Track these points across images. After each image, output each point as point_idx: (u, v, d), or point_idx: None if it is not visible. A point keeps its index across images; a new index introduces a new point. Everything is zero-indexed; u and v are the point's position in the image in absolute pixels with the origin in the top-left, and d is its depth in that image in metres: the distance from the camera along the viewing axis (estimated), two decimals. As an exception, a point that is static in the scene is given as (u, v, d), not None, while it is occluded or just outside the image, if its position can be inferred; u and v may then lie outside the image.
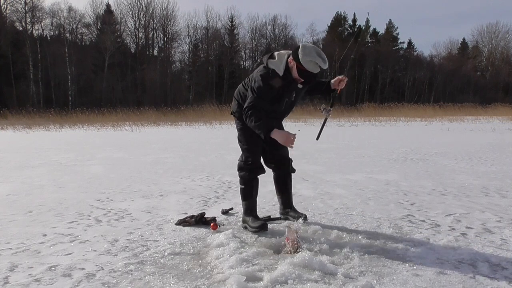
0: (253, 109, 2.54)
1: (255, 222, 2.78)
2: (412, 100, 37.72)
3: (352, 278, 2.00)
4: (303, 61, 2.43)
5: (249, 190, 2.84)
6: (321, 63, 2.45)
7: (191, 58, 43.54)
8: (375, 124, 18.27)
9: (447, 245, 2.49)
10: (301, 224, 2.61)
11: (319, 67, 2.46)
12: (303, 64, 2.44)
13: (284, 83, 2.57)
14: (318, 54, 2.45)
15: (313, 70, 2.47)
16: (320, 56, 2.45)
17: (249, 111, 2.54)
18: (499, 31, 49.66)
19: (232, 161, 6.65)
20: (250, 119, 2.53)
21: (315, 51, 2.46)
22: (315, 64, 2.44)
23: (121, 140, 11.54)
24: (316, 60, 2.43)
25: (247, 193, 2.85)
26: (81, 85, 35.62)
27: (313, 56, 2.43)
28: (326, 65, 2.48)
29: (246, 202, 2.87)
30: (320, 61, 2.44)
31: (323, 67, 2.47)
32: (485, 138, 10.65)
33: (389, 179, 4.83)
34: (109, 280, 2.03)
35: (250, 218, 2.82)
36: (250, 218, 2.82)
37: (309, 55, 2.43)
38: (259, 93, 2.55)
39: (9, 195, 4.12)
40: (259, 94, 2.55)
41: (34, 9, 36.22)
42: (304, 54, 2.43)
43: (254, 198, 2.88)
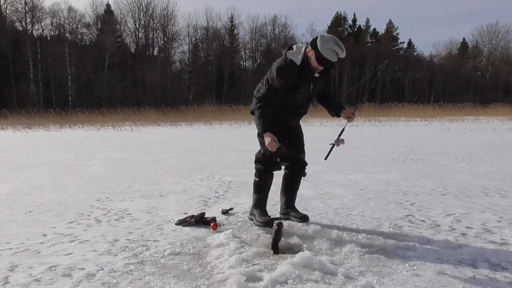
0: (263, 101, 2.59)
1: (261, 217, 2.81)
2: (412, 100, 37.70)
3: (352, 278, 2.00)
4: (322, 49, 2.50)
5: (262, 183, 2.86)
6: (339, 51, 2.50)
7: (191, 58, 43.54)
8: (375, 124, 18.27)
9: (447, 245, 2.49)
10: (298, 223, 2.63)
11: (336, 55, 2.52)
12: (321, 52, 2.50)
13: (301, 72, 2.63)
14: (336, 43, 2.51)
15: (331, 58, 2.52)
16: (338, 45, 2.51)
17: (259, 102, 2.60)
18: (499, 31, 49.69)
19: (232, 161, 6.65)
20: (258, 111, 2.59)
21: (333, 40, 2.53)
22: (333, 52, 2.49)
23: (121, 140, 11.55)
24: (334, 48, 2.49)
25: (260, 187, 2.88)
26: (81, 85, 35.62)
27: (331, 44, 2.49)
28: (343, 54, 2.53)
29: (258, 195, 2.90)
30: (338, 49, 2.50)
31: (341, 56, 2.53)
32: (485, 138, 10.65)
33: (389, 179, 4.83)
34: (109, 280, 2.03)
35: (258, 212, 2.85)
36: (258, 211, 2.85)
37: (327, 43, 2.49)
38: (273, 84, 2.61)
39: (9, 195, 4.12)
40: (273, 84, 2.61)
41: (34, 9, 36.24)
42: (322, 42, 2.51)
43: (266, 193, 2.90)
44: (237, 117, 22.11)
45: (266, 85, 2.64)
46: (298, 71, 2.62)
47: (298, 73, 2.62)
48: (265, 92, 2.62)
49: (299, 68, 2.61)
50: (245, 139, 11.00)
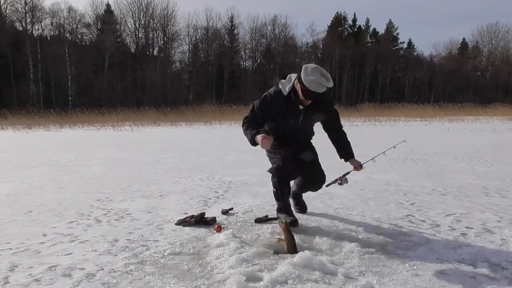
0: (247, 120, 2.75)
1: (286, 218, 2.83)
2: (412, 100, 37.73)
3: (352, 278, 2.00)
4: (306, 81, 2.48)
5: (280, 193, 2.88)
6: (324, 82, 2.45)
7: (191, 58, 43.53)
8: (375, 124, 18.27)
9: (447, 245, 2.49)
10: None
11: (323, 86, 2.47)
12: (305, 85, 2.49)
13: (288, 103, 2.65)
14: (321, 73, 2.47)
15: (317, 89, 2.49)
16: (323, 75, 2.46)
17: (244, 121, 2.77)
18: (499, 31, 49.70)
19: (232, 161, 6.65)
20: (243, 128, 2.76)
21: (318, 71, 2.48)
22: (318, 84, 2.46)
23: (121, 140, 11.55)
24: (318, 80, 2.45)
25: (278, 196, 2.91)
26: (81, 85, 35.61)
27: (315, 75, 2.45)
28: (329, 83, 2.49)
29: (278, 203, 2.95)
30: (323, 80, 2.45)
31: (327, 85, 2.48)
32: (485, 138, 10.65)
33: (389, 179, 4.83)
34: (109, 280, 2.03)
35: (283, 215, 2.88)
36: (283, 216, 2.87)
37: (311, 75, 2.46)
38: (256, 108, 2.74)
39: (9, 195, 4.12)
40: (256, 108, 2.74)
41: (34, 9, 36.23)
42: (306, 74, 2.48)
43: (285, 199, 2.91)
44: (237, 117, 22.10)
45: (251, 109, 2.77)
46: (285, 102, 2.65)
47: (285, 104, 2.66)
48: (249, 115, 2.77)
49: (285, 98, 2.64)
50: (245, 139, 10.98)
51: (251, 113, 2.77)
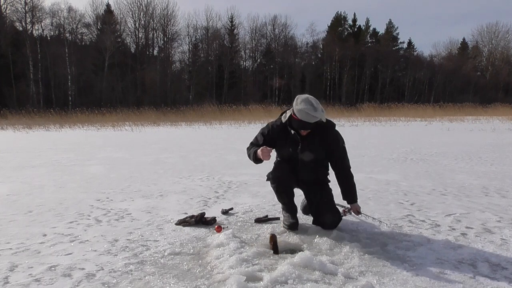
0: (249, 145, 2.88)
1: (287, 220, 2.86)
2: (412, 100, 37.73)
3: (352, 278, 2.00)
4: (295, 110, 2.53)
5: (280, 197, 2.89)
6: (311, 111, 2.45)
7: (191, 58, 43.51)
8: (375, 124, 18.26)
9: (447, 245, 2.49)
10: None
11: (311, 115, 2.47)
12: (296, 114, 2.54)
13: (285, 132, 2.71)
14: (309, 103, 2.48)
15: (305, 119, 2.50)
16: (311, 105, 2.47)
17: (247, 147, 2.88)
18: (499, 31, 49.65)
19: (232, 161, 6.65)
20: (247, 153, 2.87)
21: (307, 101, 2.50)
22: (305, 113, 2.47)
23: (121, 140, 11.55)
24: (305, 109, 2.46)
25: (279, 199, 2.93)
26: (81, 85, 35.58)
27: (303, 105, 2.48)
28: (317, 113, 2.46)
29: (281, 205, 2.96)
30: (311, 109, 2.45)
31: (314, 115, 2.46)
32: (485, 138, 10.65)
33: (389, 179, 4.83)
34: (109, 280, 2.03)
35: (286, 216, 2.89)
36: (286, 215, 2.89)
37: (300, 105, 2.50)
38: (259, 136, 2.82)
39: (9, 195, 4.12)
40: (259, 135, 2.82)
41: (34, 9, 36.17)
42: (296, 104, 2.53)
43: (285, 202, 2.89)
44: (237, 117, 22.13)
45: (255, 138, 2.86)
46: (281, 130, 2.71)
47: (283, 132, 2.71)
48: (252, 140, 2.87)
49: (283, 127, 2.69)
50: (245, 139, 10.99)
51: (254, 139, 2.87)
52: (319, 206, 2.81)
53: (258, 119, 21.03)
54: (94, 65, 36.30)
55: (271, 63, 44.99)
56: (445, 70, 45.79)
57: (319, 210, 2.81)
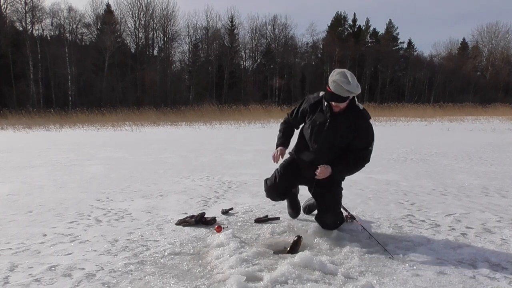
0: (283, 120, 3.00)
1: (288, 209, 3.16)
2: (412, 100, 37.70)
3: (352, 278, 2.00)
4: (329, 82, 2.49)
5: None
6: (344, 84, 2.39)
7: (191, 58, 43.49)
8: (375, 124, 18.24)
9: (447, 245, 2.49)
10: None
11: (343, 89, 2.41)
12: (329, 85, 2.49)
13: (318, 104, 2.71)
14: (344, 75, 2.43)
15: (337, 91, 2.44)
16: (345, 78, 2.42)
17: (283, 121, 3.01)
18: (499, 31, 49.63)
19: (232, 161, 6.65)
20: (280, 128, 3.01)
21: (342, 73, 2.46)
22: (338, 85, 2.41)
23: (121, 140, 11.54)
24: (339, 81, 2.40)
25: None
26: (81, 85, 35.57)
27: (338, 77, 2.43)
28: (350, 87, 2.39)
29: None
30: (344, 82, 2.39)
31: (346, 88, 2.39)
32: (485, 138, 10.65)
33: (389, 179, 4.83)
34: (109, 280, 2.03)
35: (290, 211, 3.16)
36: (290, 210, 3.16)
37: (335, 76, 2.46)
38: (296, 108, 2.89)
39: (9, 195, 4.12)
40: (296, 109, 2.89)
41: (34, 9, 36.14)
42: (331, 75, 2.49)
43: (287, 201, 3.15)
44: (237, 117, 22.11)
45: (293, 109, 2.93)
46: (316, 102, 2.72)
47: (316, 104, 2.72)
48: (288, 116, 2.97)
49: (318, 99, 2.71)
50: (245, 139, 11.00)
51: (290, 113, 2.95)
52: (322, 204, 2.74)
53: (258, 119, 21.03)
54: (94, 65, 36.28)
55: (271, 63, 44.97)
56: (445, 70, 45.78)
57: (321, 208, 2.75)
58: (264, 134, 12.73)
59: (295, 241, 2.39)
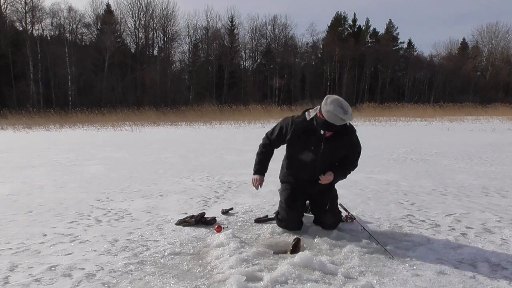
0: (263, 142, 2.90)
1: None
2: (412, 100, 37.70)
3: (352, 278, 2.00)
4: (324, 111, 2.47)
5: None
6: (340, 114, 2.40)
7: (191, 58, 43.48)
8: (375, 124, 18.25)
9: (447, 245, 2.49)
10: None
11: (339, 118, 2.42)
12: (323, 114, 2.47)
13: (309, 128, 2.62)
14: (339, 105, 2.43)
15: (333, 121, 2.45)
16: (341, 107, 2.42)
17: (261, 142, 2.92)
18: (499, 31, 49.61)
19: (232, 161, 6.65)
20: (258, 152, 2.94)
21: (337, 102, 2.44)
22: (334, 115, 2.41)
23: (121, 140, 11.54)
24: (335, 111, 2.40)
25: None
26: (81, 85, 35.56)
27: (333, 106, 2.42)
28: (346, 116, 2.42)
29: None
30: (340, 111, 2.40)
31: (343, 118, 2.42)
32: (485, 138, 10.65)
33: (389, 179, 4.83)
34: (109, 280, 2.03)
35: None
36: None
37: (329, 105, 2.44)
38: (278, 129, 2.78)
39: (9, 195, 4.12)
40: (277, 129, 2.78)
41: (34, 9, 36.13)
42: (325, 104, 2.47)
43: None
44: (237, 117, 22.11)
45: (272, 131, 2.83)
46: (306, 127, 2.63)
47: (307, 130, 2.63)
48: (268, 138, 2.87)
49: (308, 124, 2.62)
50: (245, 139, 11.00)
51: (269, 132, 2.86)
52: (321, 206, 2.80)
53: (258, 119, 21.02)
54: (94, 65, 36.28)
55: (271, 63, 44.97)
56: (445, 70, 45.78)
57: (320, 209, 2.80)
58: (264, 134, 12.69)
59: (295, 244, 2.40)
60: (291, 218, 2.77)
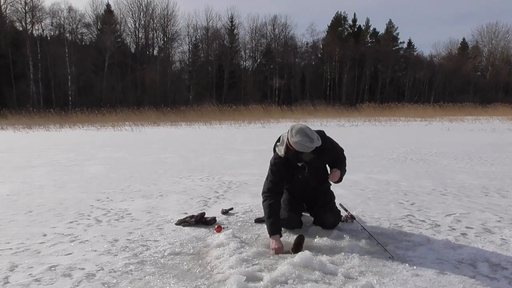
0: (266, 196, 2.67)
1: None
2: (412, 100, 37.71)
3: (352, 278, 2.00)
4: (292, 143, 2.49)
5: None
6: (308, 143, 2.44)
7: (191, 58, 43.49)
8: (375, 124, 18.26)
9: (447, 245, 2.49)
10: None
11: (307, 147, 2.45)
12: (292, 146, 2.49)
13: (289, 163, 2.64)
14: (305, 134, 2.46)
15: (302, 150, 2.48)
16: (307, 136, 2.45)
17: (264, 200, 2.68)
18: (499, 31, 49.62)
19: (232, 161, 6.65)
20: (264, 207, 2.66)
21: (302, 132, 2.47)
22: (302, 145, 2.45)
23: (121, 140, 11.54)
24: (302, 142, 2.43)
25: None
26: (81, 85, 35.57)
27: (299, 137, 2.45)
28: (314, 144, 2.46)
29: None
30: (307, 141, 2.44)
31: (311, 146, 2.45)
32: (485, 138, 10.65)
33: (389, 179, 4.83)
34: (109, 280, 2.03)
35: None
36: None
37: (295, 137, 2.46)
38: (270, 178, 2.70)
39: (9, 195, 4.12)
40: (270, 179, 2.70)
41: (34, 9, 36.15)
42: (291, 135, 2.49)
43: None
44: (237, 117, 22.12)
45: (267, 179, 2.74)
46: (285, 164, 2.64)
47: (287, 165, 2.65)
48: (266, 186, 2.72)
49: (285, 160, 2.63)
50: (245, 139, 11.00)
51: (268, 184, 2.71)
52: (320, 206, 2.82)
53: (258, 119, 21.03)
54: (94, 65, 36.29)
55: (271, 63, 44.97)
56: (445, 70, 45.79)
57: (320, 210, 2.82)
58: (264, 134, 12.73)
59: (298, 241, 2.40)
60: (292, 217, 2.79)
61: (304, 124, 2.56)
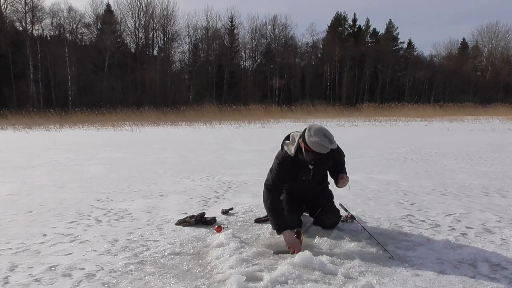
0: (269, 189, 2.65)
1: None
2: (412, 100, 37.73)
3: (352, 278, 2.00)
4: (309, 142, 2.45)
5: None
6: (327, 144, 2.42)
7: (191, 58, 43.50)
8: (375, 124, 18.25)
9: (447, 245, 2.49)
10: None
11: (326, 147, 2.43)
12: (309, 145, 2.46)
13: (297, 163, 2.62)
14: (324, 135, 2.44)
15: (320, 150, 2.45)
16: (326, 137, 2.44)
17: (266, 193, 2.66)
18: (499, 31, 49.64)
19: (232, 161, 6.65)
20: (266, 205, 2.64)
21: (321, 132, 2.45)
22: (321, 145, 2.42)
23: (121, 140, 11.54)
24: (322, 142, 2.41)
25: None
26: (81, 85, 35.58)
27: (318, 137, 2.42)
28: (333, 145, 2.46)
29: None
30: (326, 141, 2.42)
31: (330, 147, 2.44)
32: (485, 138, 10.64)
33: (389, 179, 4.83)
34: (109, 280, 2.03)
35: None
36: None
37: (314, 136, 2.43)
38: (274, 174, 2.67)
39: (9, 195, 4.12)
40: (274, 175, 2.67)
41: (34, 9, 36.15)
42: (309, 135, 2.46)
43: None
44: (237, 117, 22.11)
45: (271, 174, 2.71)
46: (293, 163, 2.62)
47: (295, 164, 2.63)
48: (269, 179, 2.68)
49: (293, 160, 2.61)
50: (245, 139, 11.00)
51: (271, 178, 2.68)
52: (319, 206, 2.82)
53: (258, 119, 21.03)
54: (94, 65, 36.30)
55: (271, 63, 44.98)
56: (445, 70, 45.79)
57: (320, 210, 2.82)
58: (264, 134, 12.73)
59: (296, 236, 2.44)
60: (292, 217, 2.79)
61: (322, 126, 2.52)
